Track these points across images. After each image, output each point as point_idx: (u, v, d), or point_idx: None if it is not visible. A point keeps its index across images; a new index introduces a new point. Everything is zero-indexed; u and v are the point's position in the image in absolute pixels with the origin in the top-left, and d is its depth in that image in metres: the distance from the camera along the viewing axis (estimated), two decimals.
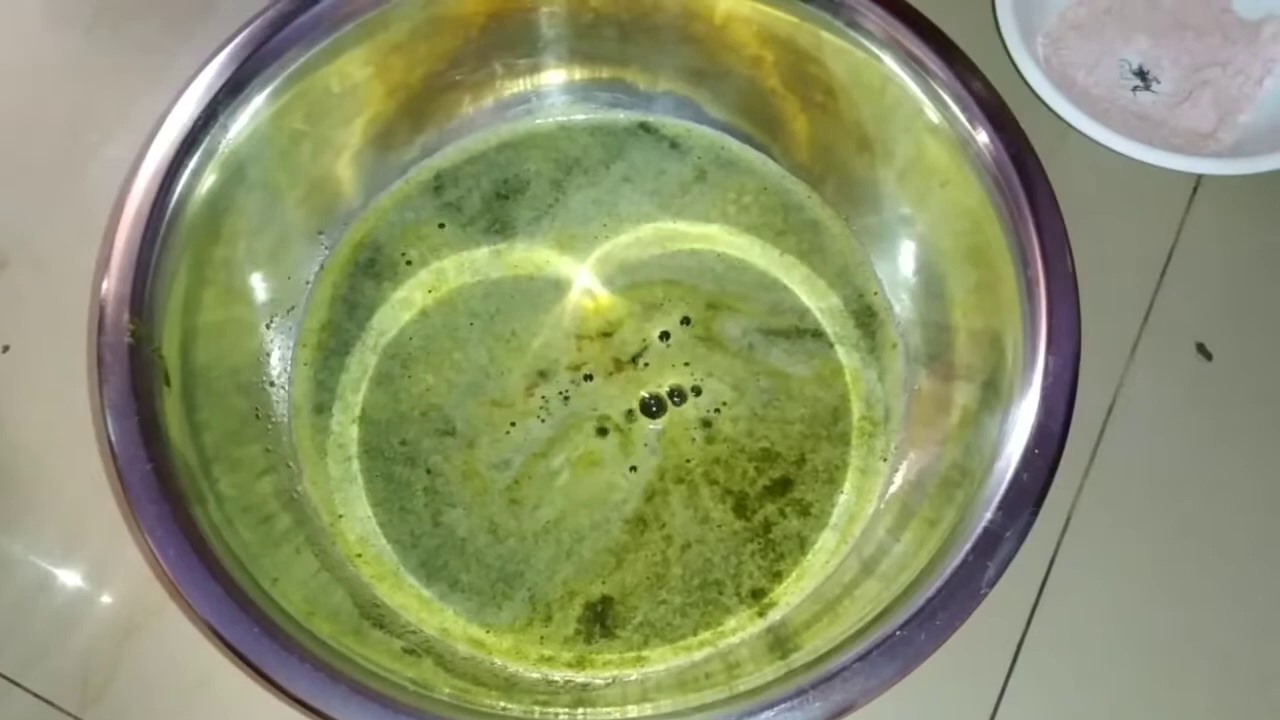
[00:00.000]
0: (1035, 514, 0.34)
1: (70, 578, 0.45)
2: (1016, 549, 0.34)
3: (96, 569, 0.45)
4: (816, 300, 0.47)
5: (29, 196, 0.51)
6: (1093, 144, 0.47)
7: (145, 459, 0.36)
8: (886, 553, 0.39)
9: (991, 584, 0.33)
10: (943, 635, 0.33)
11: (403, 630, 0.41)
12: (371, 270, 0.47)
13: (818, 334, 0.46)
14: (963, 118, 0.40)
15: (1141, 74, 0.52)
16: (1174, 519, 0.45)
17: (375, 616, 0.41)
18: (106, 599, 0.45)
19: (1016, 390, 0.37)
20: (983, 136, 0.40)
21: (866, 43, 0.42)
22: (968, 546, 0.34)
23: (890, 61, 0.42)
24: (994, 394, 0.39)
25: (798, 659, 0.36)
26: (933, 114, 0.41)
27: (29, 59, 0.55)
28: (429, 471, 0.44)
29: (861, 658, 0.33)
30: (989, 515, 0.34)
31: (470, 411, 0.45)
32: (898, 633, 0.33)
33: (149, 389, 0.37)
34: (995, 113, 0.40)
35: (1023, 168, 0.39)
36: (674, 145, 0.49)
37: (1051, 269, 0.37)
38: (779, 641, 0.39)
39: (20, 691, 0.43)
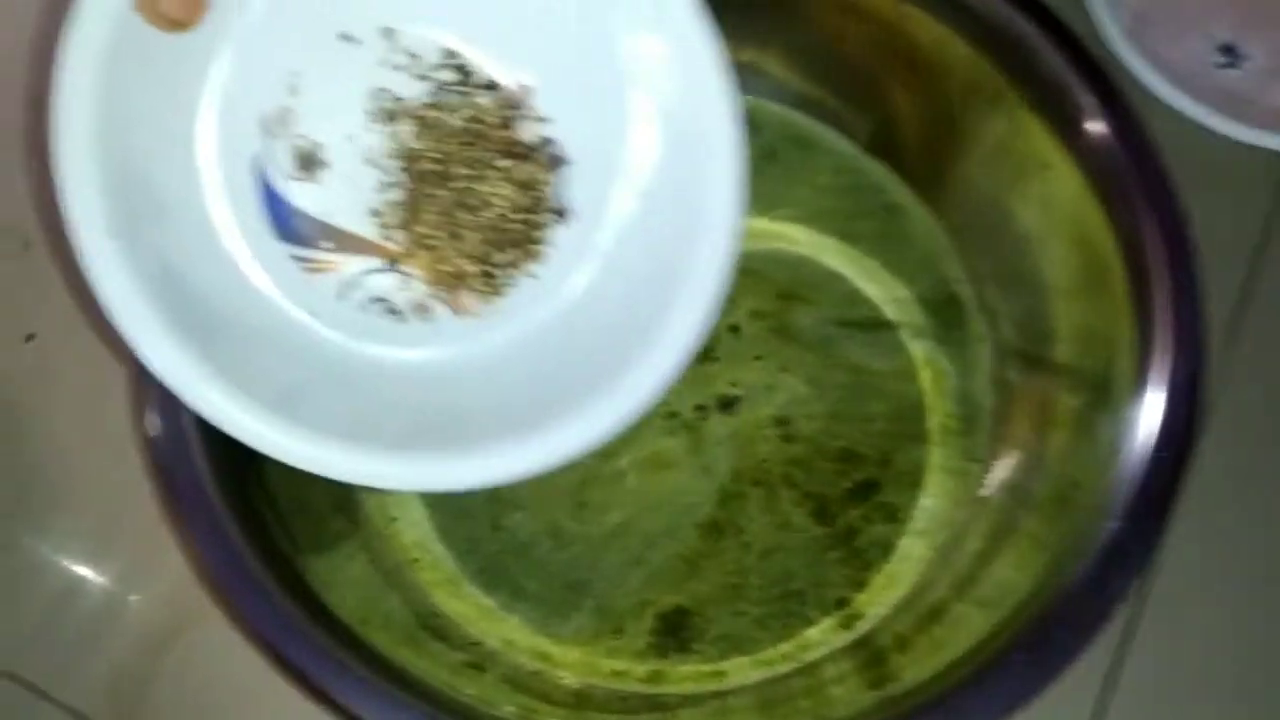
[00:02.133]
0: (1164, 523, 0.32)
1: (103, 582, 0.43)
2: (1146, 562, 0.31)
3: (131, 573, 0.43)
4: (895, 290, 0.44)
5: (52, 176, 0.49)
6: (1180, 120, 0.45)
7: (190, 459, 0.33)
8: (985, 566, 0.37)
9: (1121, 601, 0.31)
10: (1066, 661, 0.30)
11: (463, 642, 0.38)
12: None
13: (897, 326, 0.43)
14: (1063, 94, 0.37)
15: (1229, 50, 0.50)
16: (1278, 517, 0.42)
17: (434, 626, 0.38)
18: (142, 605, 0.42)
19: (1132, 389, 0.34)
20: (1086, 114, 0.37)
21: (955, 13, 0.39)
22: (1088, 561, 0.31)
23: (981, 33, 0.39)
24: (1103, 394, 0.36)
25: (895, 689, 0.33)
26: (1028, 90, 0.38)
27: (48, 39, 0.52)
28: None
29: (973, 688, 0.30)
30: (1112, 525, 0.32)
31: None
32: (1016, 656, 0.31)
33: None
34: (1100, 88, 0.37)
35: (1131, 146, 0.36)
36: None
37: (1172, 254, 0.35)
38: (873, 661, 0.37)
39: (49, 704, 0.41)
